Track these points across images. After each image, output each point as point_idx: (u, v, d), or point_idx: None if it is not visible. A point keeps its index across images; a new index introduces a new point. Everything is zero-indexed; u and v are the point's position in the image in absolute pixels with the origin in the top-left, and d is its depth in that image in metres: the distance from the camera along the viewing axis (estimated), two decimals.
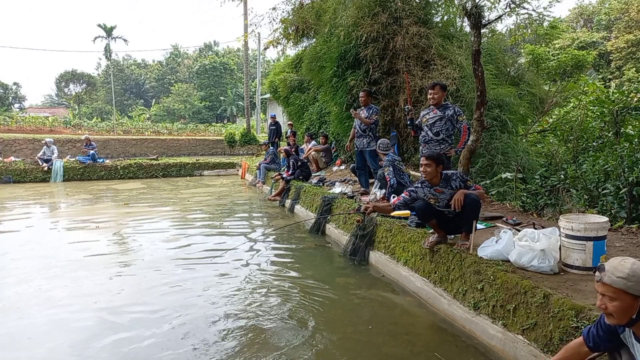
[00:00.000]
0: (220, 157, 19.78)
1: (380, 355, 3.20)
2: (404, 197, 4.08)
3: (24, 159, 16.03)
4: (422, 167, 3.93)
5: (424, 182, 4.01)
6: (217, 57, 59.68)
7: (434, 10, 8.85)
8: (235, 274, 5.00)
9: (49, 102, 62.98)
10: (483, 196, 4.02)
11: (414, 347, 3.32)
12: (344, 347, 3.31)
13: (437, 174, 3.92)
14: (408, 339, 3.45)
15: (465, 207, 3.78)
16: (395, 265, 4.77)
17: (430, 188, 3.97)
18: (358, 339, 3.45)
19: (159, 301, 4.20)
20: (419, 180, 4.20)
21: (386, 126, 8.60)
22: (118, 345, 3.35)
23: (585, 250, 3.20)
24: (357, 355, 3.21)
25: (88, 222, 7.80)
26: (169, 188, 12.81)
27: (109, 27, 43.03)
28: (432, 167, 3.89)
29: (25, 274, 4.97)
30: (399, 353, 3.22)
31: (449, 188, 3.92)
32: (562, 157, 6.85)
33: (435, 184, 3.94)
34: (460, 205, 3.76)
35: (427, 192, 4.00)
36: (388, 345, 3.34)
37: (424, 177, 3.96)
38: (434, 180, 3.93)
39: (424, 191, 4.01)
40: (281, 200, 9.71)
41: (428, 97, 5.29)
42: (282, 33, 12.35)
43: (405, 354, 3.21)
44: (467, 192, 3.81)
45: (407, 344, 3.35)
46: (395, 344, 3.34)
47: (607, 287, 1.79)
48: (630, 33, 24.95)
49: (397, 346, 3.32)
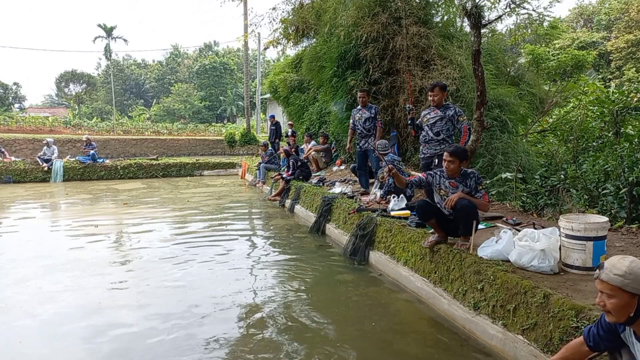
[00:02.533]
0: (220, 157, 19.78)
1: (392, 353, 3.23)
2: (420, 177, 4.14)
3: (24, 159, 16.03)
4: (445, 163, 3.92)
5: (443, 172, 4.03)
6: (217, 57, 59.67)
7: (434, 10, 8.84)
8: (235, 273, 5.00)
9: (49, 102, 62.96)
10: (484, 207, 3.98)
11: (425, 345, 3.33)
12: (356, 346, 3.33)
13: (459, 169, 3.94)
14: (417, 337, 3.46)
15: (458, 211, 3.80)
16: (395, 265, 4.77)
17: (447, 179, 3.99)
18: (366, 337, 3.46)
19: (160, 300, 4.20)
20: (439, 168, 4.21)
21: (386, 126, 8.60)
22: (124, 343, 3.35)
23: (585, 250, 3.20)
24: (369, 353, 3.23)
25: (88, 222, 7.80)
26: (169, 188, 12.81)
27: (109, 27, 43.04)
28: (455, 164, 3.89)
29: (25, 274, 4.97)
30: (412, 351, 3.25)
31: (462, 185, 3.93)
32: (562, 157, 6.84)
33: (453, 177, 3.97)
34: (452, 205, 3.78)
35: (442, 182, 4.02)
36: (398, 343, 3.37)
37: (447, 172, 3.97)
38: (454, 174, 3.95)
39: (439, 180, 4.04)
40: (281, 200, 9.71)
41: (429, 99, 5.29)
42: (282, 33, 12.35)
43: (417, 352, 3.23)
44: (463, 196, 3.81)
45: (419, 343, 3.37)
46: (406, 342, 3.37)
47: (604, 285, 1.81)
48: (630, 33, 24.95)
49: (408, 345, 3.35)
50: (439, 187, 4.06)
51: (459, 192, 3.87)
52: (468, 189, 3.92)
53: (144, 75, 65.84)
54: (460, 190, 3.91)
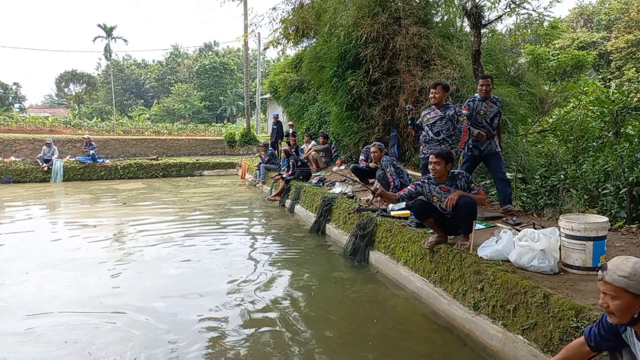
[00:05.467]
0: (220, 157, 19.77)
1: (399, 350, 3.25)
2: (409, 190, 4.10)
3: (24, 159, 16.02)
4: (432, 164, 3.91)
5: (430, 179, 4.01)
6: (217, 57, 59.63)
7: (434, 10, 8.85)
8: (235, 273, 4.99)
9: (49, 102, 62.95)
10: (483, 201, 3.99)
11: (425, 345, 3.33)
12: (357, 345, 3.32)
13: (446, 172, 3.92)
14: (417, 337, 3.46)
15: (460, 209, 3.79)
16: (395, 265, 4.76)
17: (436, 185, 3.97)
18: (369, 335, 3.47)
19: (161, 299, 4.19)
20: (426, 176, 4.20)
21: (386, 126, 8.60)
22: (125, 342, 3.35)
23: (585, 250, 3.20)
24: (369, 353, 3.23)
25: (87, 222, 7.80)
26: (169, 188, 12.81)
27: (109, 27, 42.97)
28: (441, 165, 3.88)
29: (24, 274, 4.97)
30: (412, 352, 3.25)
31: (454, 187, 3.92)
32: (562, 157, 6.85)
33: (442, 182, 3.95)
34: (453, 205, 3.77)
35: (432, 189, 4.00)
36: (406, 340, 3.39)
37: (433, 175, 3.95)
38: (442, 178, 3.93)
39: (429, 188, 4.01)
40: (281, 200, 9.71)
41: (429, 96, 5.28)
42: (282, 33, 12.36)
43: (417, 352, 3.24)
44: (463, 194, 3.80)
45: (418, 343, 3.38)
46: (406, 342, 3.37)
47: (608, 286, 1.80)
48: (630, 33, 24.92)
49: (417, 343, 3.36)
50: (431, 194, 4.02)
51: (457, 191, 3.85)
52: (460, 189, 3.91)
53: (144, 75, 65.83)
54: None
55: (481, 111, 5.12)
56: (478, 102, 5.16)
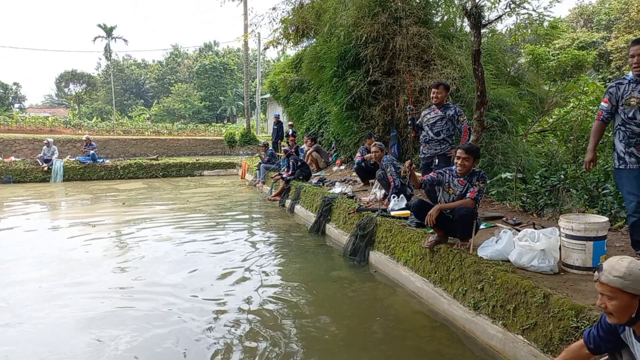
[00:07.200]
0: (220, 157, 19.77)
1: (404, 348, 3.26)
2: (432, 177, 4.13)
3: (24, 159, 16.02)
4: (460, 160, 3.91)
5: (452, 171, 4.03)
6: (217, 57, 59.60)
7: (434, 10, 8.85)
8: (234, 273, 4.99)
9: (49, 102, 62.92)
10: (465, 204, 3.88)
11: (424, 345, 3.33)
12: (358, 343, 3.32)
13: (471, 168, 3.94)
14: (416, 337, 3.46)
15: (456, 222, 3.85)
16: (395, 265, 4.76)
17: (455, 178, 4.00)
18: (373, 332, 3.48)
19: (161, 299, 4.19)
20: (448, 167, 4.22)
21: (386, 126, 8.60)
22: (124, 342, 3.35)
23: (585, 250, 3.20)
24: (370, 352, 3.23)
25: (87, 222, 7.80)
26: (169, 188, 12.81)
27: (109, 27, 42.95)
28: (470, 162, 3.90)
29: (24, 274, 4.97)
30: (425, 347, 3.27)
31: (470, 183, 3.95)
32: (562, 157, 6.84)
33: (463, 176, 3.97)
34: (432, 222, 3.83)
35: (450, 181, 4.02)
36: (410, 339, 3.40)
37: (460, 169, 3.96)
38: (465, 173, 3.96)
39: (448, 178, 4.04)
40: (281, 200, 9.71)
41: (431, 96, 5.27)
42: (282, 33, 12.36)
43: (416, 352, 3.24)
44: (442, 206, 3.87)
45: (417, 341, 3.37)
46: (406, 342, 3.37)
47: (604, 286, 1.80)
48: (630, 33, 24.91)
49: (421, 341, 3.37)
50: (448, 185, 4.05)
51: (437, 206, 3.91)
52: (472, 186, 3.93)
53: (144, 75, 65.80)
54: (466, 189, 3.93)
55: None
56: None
